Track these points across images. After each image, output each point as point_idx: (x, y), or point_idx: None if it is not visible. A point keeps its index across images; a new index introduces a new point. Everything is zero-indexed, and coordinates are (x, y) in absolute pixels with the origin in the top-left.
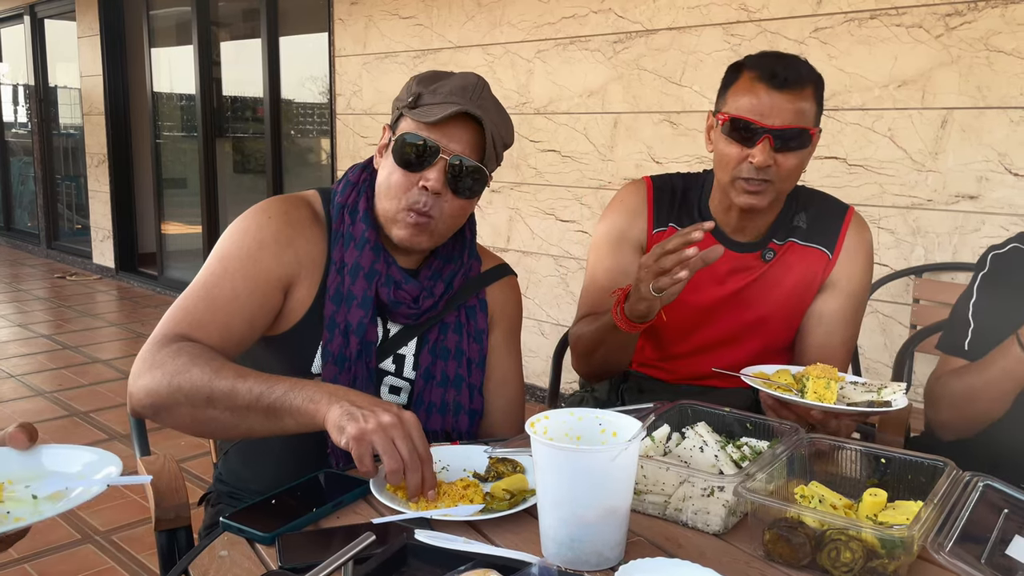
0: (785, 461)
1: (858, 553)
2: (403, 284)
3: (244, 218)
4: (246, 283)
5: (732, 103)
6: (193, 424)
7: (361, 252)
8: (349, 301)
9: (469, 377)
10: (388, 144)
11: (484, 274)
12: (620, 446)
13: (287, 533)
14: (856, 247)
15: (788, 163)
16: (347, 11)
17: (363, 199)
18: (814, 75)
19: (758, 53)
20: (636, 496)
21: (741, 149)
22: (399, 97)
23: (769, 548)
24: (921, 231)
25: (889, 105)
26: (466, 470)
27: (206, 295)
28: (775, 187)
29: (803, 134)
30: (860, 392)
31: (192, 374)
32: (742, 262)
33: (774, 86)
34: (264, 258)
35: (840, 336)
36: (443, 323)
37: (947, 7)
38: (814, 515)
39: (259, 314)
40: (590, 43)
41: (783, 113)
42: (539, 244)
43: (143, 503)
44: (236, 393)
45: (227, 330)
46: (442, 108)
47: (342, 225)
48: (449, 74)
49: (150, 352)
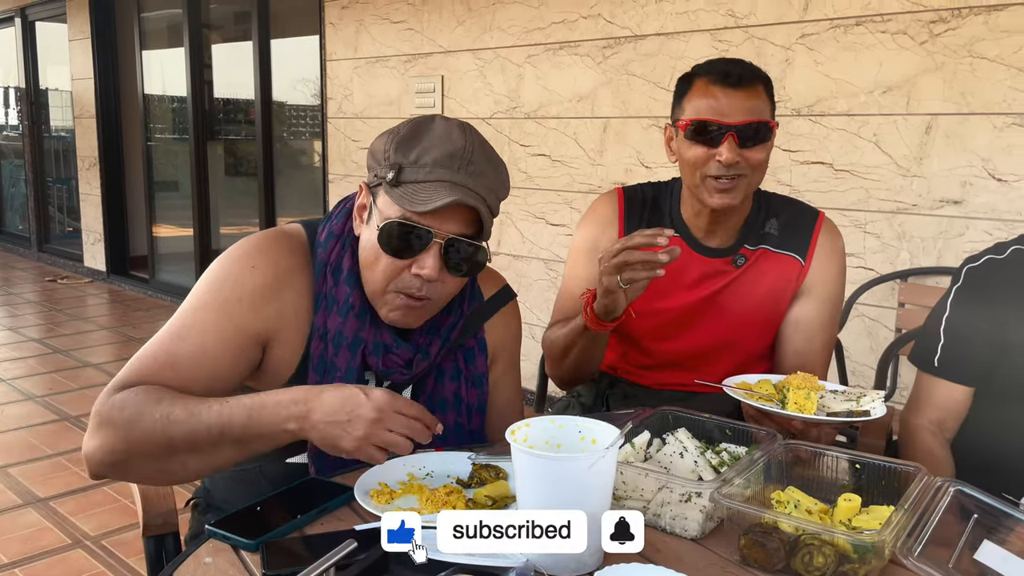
0: (762, 467)
1: (830, 558)
2: (394, 348)
3: (230, 262)
4: (218, 340)
5: (690, 109)
6: (162, 475)
7: (344, 319)
8: (332, 373)
9: (469, 424)
10: (369, 211)
11: (483, 307)
12: (598, 453)
13: (271, 540)
14: (828, 253)
15: (755, 157)
16: (338, 15)
17: (347, 255)
18: (763, 74)
19: (705, 61)
20: (616, 501)
21: (707, 150)
22: (375, 157)
23: (744, 553)
24: (906, 235)
25: (874, 111)
26: (449, 476)
27: (171, 347)
28: (746, 181)
29: (764, 127)
30: (840, 401)
31: (144, 424)
32: (713, 267)
33: (729, 85)
34: (241, 313)
35: (819, 341)
36: (440, 371)
37: (931, 14)
38: (789, 521)
39: (228, 371)
40: (580, 48)
41: (742, 110)
42: (529, 248)
43: (132, 508)
44: (196, 435)
45: (190, 383)
46: (430, 192)
47: (325, 286)
48: (428, 131)
49: (98, 407)
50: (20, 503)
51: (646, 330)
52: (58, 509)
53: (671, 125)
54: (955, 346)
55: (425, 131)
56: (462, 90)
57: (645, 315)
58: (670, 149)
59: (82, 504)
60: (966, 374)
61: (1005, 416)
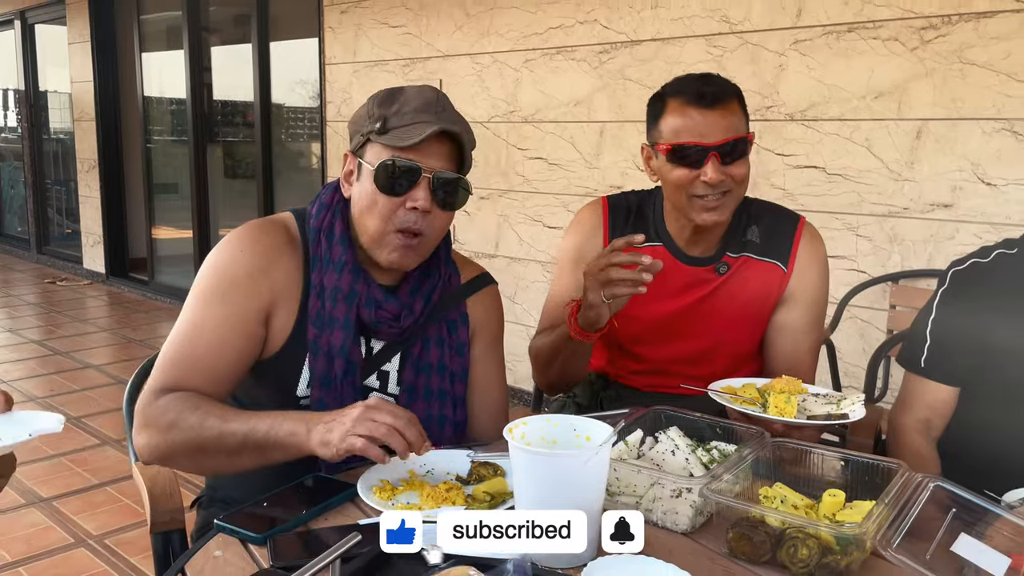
0: (751, 463)
1: (814, 550)
2: (384, 304)
3: (219, 252)
4: (226, 326)
5: (667, 131)
6: (195, 468)
7: (340, 275)
8: (331, 324)
9: (452, 390)
10: (356, 171)
11: (465, 286)
12: (591, 450)
13: (278, 534)
14: (810, 258)
15: (738, 172)
16: (337, 20)
17: (339, 221)
18: (734, 87)
19: (674, 80)
20: (609, 497)
21: (691, 171)
22: (358, 122)
23: (732, 546)
24: (897, 238)
25: (866, 116)
26: (449, 473)
27: (188, 344)
28: (733, 197)
29: (743, 142)
30: (821, 404)
31: (181, 430)
32: (697, 276)
33: (704, 106)
34: (239, 297)
35: (806, 344)
36: (425, 338)
37: (922, 21)
38: (775, 515)
39: (244, 351)
40: (576, 53)
41: (719, 129)
42: (527, 250)
43: (135, 507)
44: (223, 439)
45: (213, 375)
46: (417, 129)
47: (319, 248)
48: (403, 90)
49: (142, 408)
50: (23, 503)
51: (632, 337)
52: (61, 509)
53: (649, 146)
54: (941, 347)
55: (400, 92)
56: (460, 94)
57: (630, 322)
58: (649, 168)
59: (84, 504)
60: (952, 374)
61: (990, 416)
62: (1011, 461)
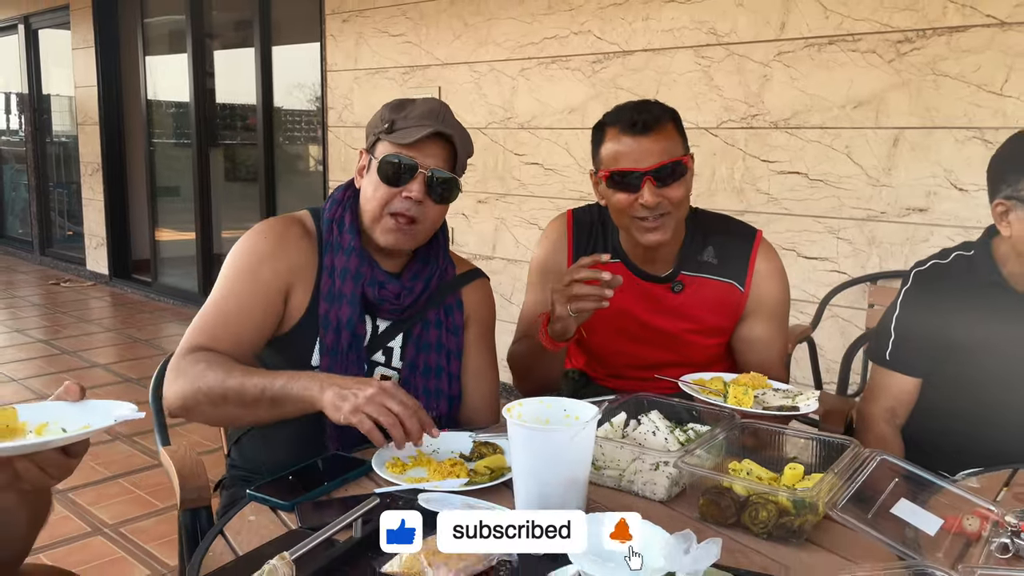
0: (722, 441)
1: (772, 512)
2: (386, 284)
3: (245, 239)
4: (251, 298)
5: (607, 159)
6: (214, 417)
7: (348, 257)
8: (340, 300)
9: (448, 367)
10: (367, 166)
11: (459, 277)
12: (578, 427)
13: (304, 501)
14: (767, 275)
15: (675, 194)
16: (339, 28)
17: (348, 213)
18: (668, 111)
19: (614, 109)
20: (596, 471)
21: (629, 195)
22: (372, 124)
23: (703, 511)
24: (876, 241)
25: (846, 124)
26: (453, 452)
27: (218, 311)
28: (672, 217)
29: (678, 165)
30: (779, 398)
31: (208, 378)
32: (653, 293)
33: (637, 133)
34: (263, 273)
35: (776, 351)
36: (425, 320)
37: (898, 35)
38: (740, 483)
39: (265, 321)
40: (571, 62)
41: (653, 154)
42: (523, 252)
43: (147, 498)
44: (244, 390)
45: (238, 339)
46: (417, 130)
47: (332, 236)
48: (413, 101)
49: (176, 363)
50: None
51: (598, 345)
52: (76, 500)
53: (594, 173)
54: (904, 342)
55: (410, 101)
56: (458, 101)
57: (594, 334)
58: (598, 193)
59: (99, 495)
60: (914, 367)
61: (948, 404)
62: (968, 445)
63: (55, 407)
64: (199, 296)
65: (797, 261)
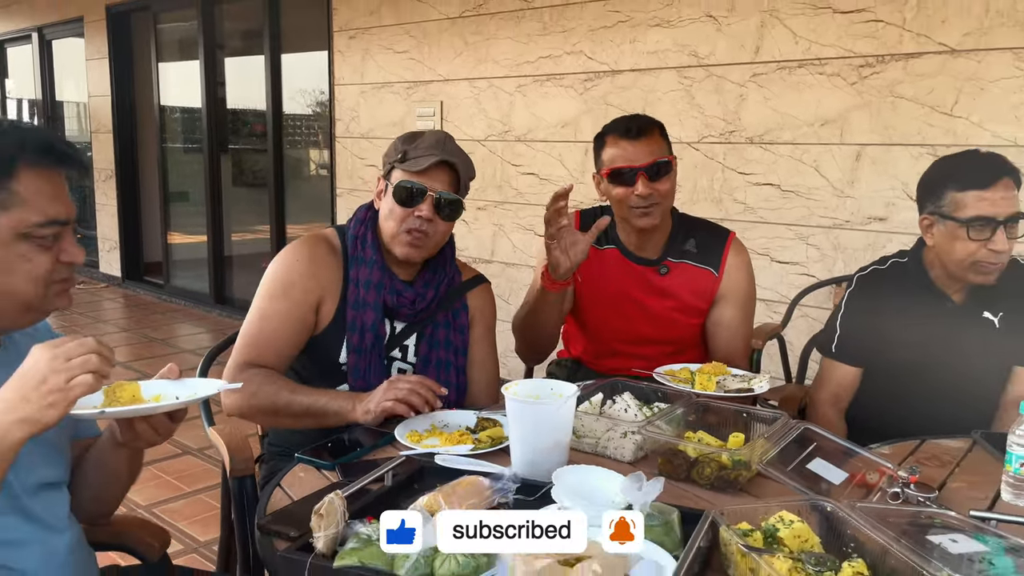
0: (680, 415)
1: (715, 468)
2: (403, 292)
3: (280, 261)
4: (287, 317)
5: (607, 160)
6: (268, 423)
7: (371, 270)
8: (364, 306)
9: (455, 361)
10: (384, 190)
11: (464, 283)
12: (561, 401)
13: (344, 462)
14: (736, 265)
15: (663, 187)
16: (346, 44)
17: (370, 232)
18: (656, 122)
19: (611, 121)
20: (576, 439)
21: (626, 188)
22: (388, 154)
23: (660, 468)
24: (841, 247)
25: (814, 140)
26: (461, 425)
27: (260, 331)
28: (661, 207)
29: (665, 164)
30: (737, 382)
31: (260, 396)
32: (643, 273)
33: (631, 137)
34: (296, 294)
35: (741, 335)
36: (435, 322)
37: (860, 60)
38: (691, 446)
39: (300, 334)
40: (564, 80)
41: (644, 154)
42: (520, 256)
43: (176, 483)
44: (291, 406)
45: (278, 352)
46: (426, 159)
47: (356, 251)
48: (422, 133)
49: (231, 377)
50: None
51: (597, 319)
52: None
53: (597, 174)
54: (848, 336)
55: (420, 134)
56: (459, 114)
57: (594, 304)
58: (599, 191)
59: None
60: (856, 358)
61: (885, 390)
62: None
63: (160, 383)
64: (210, 298)
65: (771, 265)
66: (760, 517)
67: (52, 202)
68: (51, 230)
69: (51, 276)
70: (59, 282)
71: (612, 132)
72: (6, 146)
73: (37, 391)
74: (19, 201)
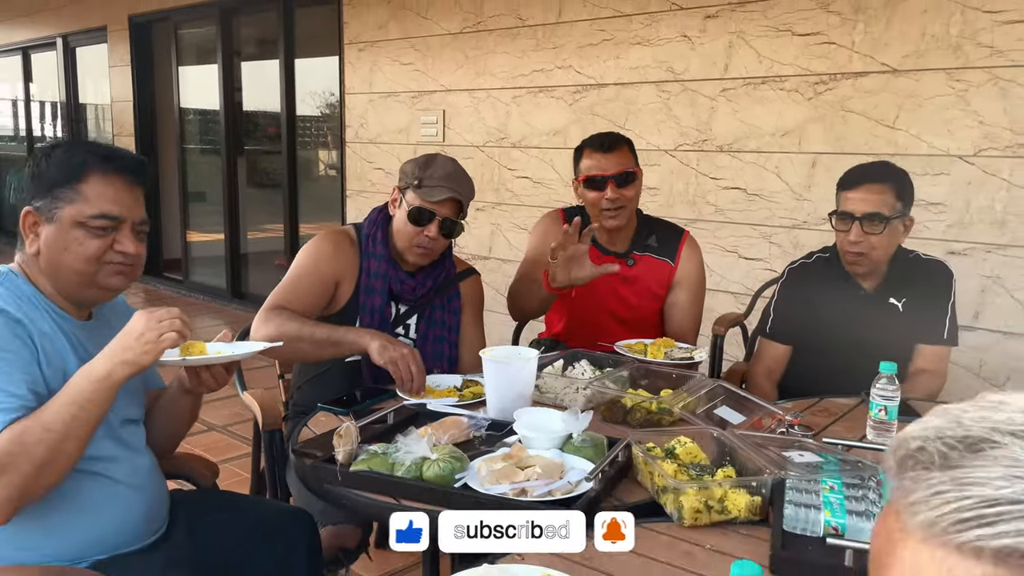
0: (625, 375)
1: (643, 413)
2: (406, 281)
3: (311, 245)
4: (314, 282)
5: (583, 169)
6: (290, 354)
7: (380, 263)
8: (373, 292)
9: (448, 337)
10: (399, 200)
11: (458, 274)
12: (523, 362)
13: (357, 409)
14: (689, 257)
15: (629, 193)
16: (356, 56)
17: (380, 231)
18: (625, 139)
19: (588, 137)
20: (540, 393)
21: (598, 193)
22: (406, 172)
23: (603, 414)
24: (799, 245)
25: (776, 149)
26: (450, 385)
27: (293, 286)
28: (627, 210)
29: (631, 174)
30: (681, 352)
31: (288, 326)
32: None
33: (603, 150)
34: (322, 267)
35: (691, 316)
36: (432, 305)
37: (815, 77)
38: (628, 397)
39: (321, 298)
40: (555, 92)
41: (614, 164)
42: (515, 254)
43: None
44: (315, 334)
45: (304, 306)
46: (440, 192)
47: (368, 246)
48: (436, 159)
49: (263, 314)
50: None
51: (580, 306)
52: None
53: (575, 180)
54: (780, 319)
55: (433, 161)
56: (460, 122)
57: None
58: (577, 195)
59: None
60: (787, 337)
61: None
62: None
63: (218, 344)
64: (227, 293)
65: (738, 261)
66: (664, 442)
67: (109, 202)
68: (103, 222)
69: (102, 258)
70: (111, 264)
71: (588, 146)
72: (78, 155)
73: (137, 341)
74: (82, 199)
